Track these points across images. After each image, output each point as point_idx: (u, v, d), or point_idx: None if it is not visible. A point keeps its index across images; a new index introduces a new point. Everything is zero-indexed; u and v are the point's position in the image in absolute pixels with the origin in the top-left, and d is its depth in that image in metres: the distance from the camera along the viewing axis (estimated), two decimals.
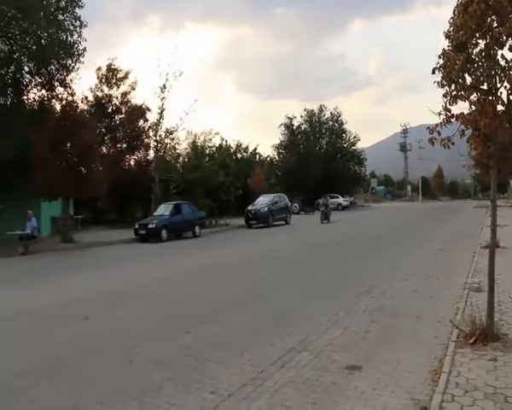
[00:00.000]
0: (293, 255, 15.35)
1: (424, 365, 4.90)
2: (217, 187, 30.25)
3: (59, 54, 21.87)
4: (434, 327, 6.26)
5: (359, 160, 59.24)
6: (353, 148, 59.14)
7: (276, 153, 57.81)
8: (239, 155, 43.22)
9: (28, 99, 23.42)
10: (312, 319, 6.94)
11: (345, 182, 54.79)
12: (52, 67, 22.42)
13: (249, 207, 29.56)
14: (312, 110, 59.20)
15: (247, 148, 45.12)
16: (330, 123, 59.16)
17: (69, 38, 22.37)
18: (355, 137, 58.83)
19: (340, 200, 49.14)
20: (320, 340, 5.90)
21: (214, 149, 34.58)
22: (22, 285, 11.54)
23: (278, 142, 57.99)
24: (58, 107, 23.14)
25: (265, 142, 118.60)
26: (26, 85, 23.10)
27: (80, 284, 11.48)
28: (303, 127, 58.66)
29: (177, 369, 5.06)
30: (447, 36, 5.28)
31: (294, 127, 58.11)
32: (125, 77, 34.76)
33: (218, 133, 35.08)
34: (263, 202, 30.18)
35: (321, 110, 59.24)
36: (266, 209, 28.98)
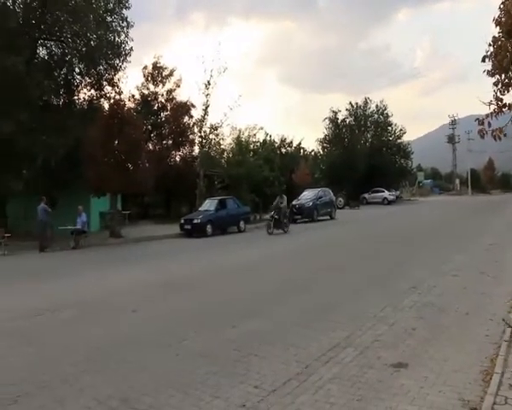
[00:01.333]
0: (339, 250, 15.25)
1: (474, 364, 4.73)
2: (261, 182, 30.28)
3: (107, 54, 22.49)
4: (485, 325, 6.04)
5: (405, 153, 57.85)
6: (399, 141, 57.75)
7: (320, 147, 57.31)
8: (283, 150, 43.05)
9: (79, 99, 24.24)
10: (358, 314, 6.88)
11: (391, 176, 53.65)
12: (101, 67, 23.09)
13: (294, 202, 29.45)
14: (357, 103, 58.31)
15: (291, 142, 44.90)
16: (375, 116, 58.01)
17: (117, 39, 22.94)
18: (401, 129, 57.45)
19: (386, 194, 48.27)
20: (365, 336, 5.84)
21: (258, 144, 34.63)
22: (73, 278, 11.96)
23: (323, 136, 57.43)
24: (106, 105, 23.82)
25: (310, 136, 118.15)
26: (77, 86, 23.89)
27: (128, 276, 11.81)
28: (348, 121, 57.79)
29: (222, 362, 5.12)
30: (498, 23, 5.10)
31: (339, 121, 57.38)
32: (171, 74, 35.30)
33: (262, 128, 35.14)
34: (307, 196, 30.03)
35: (366, 103, 58.23)
36: (311, 204, 28.84)
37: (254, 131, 33.53)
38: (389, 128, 57.45)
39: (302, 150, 47.17)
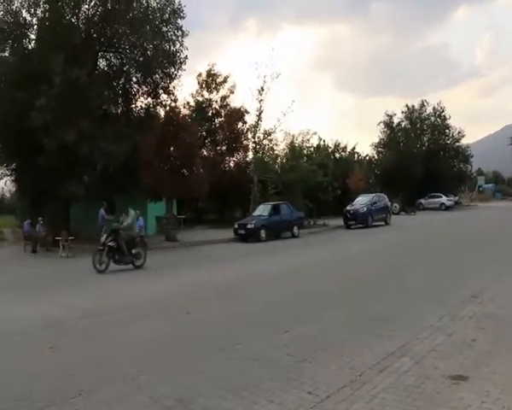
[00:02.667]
0: (395, 257, 14.91)
1: None
2: (315, 187, 30.11)
3: (163, 63, 23.08)
4: None
5: (464, 156, 55.79)
6: (457, 144, 55.70)
7: (375, 152, 56.30)
8: (337, 155, 42.68)
9: (136, 107, 24.98)
10: (414, 323, 6.68)
11: (448, 180, 51.87)
12: (157, 76, 23.75)
13: (348, 208, 29.07)
14: (413, 106, 56.82)
15: (345, 147, 44.46)
16: (432, 119, 56.31)
17: (172, 48, 23.48)
18: (459, 132, 55.42)
19: (444, 199, 46.66)
20: (422, 346, 5.64)
21: (312, 149, 34.50)
22: (130, 280, 12.33)
23: (377, 140, 56.45)
24: (162, 113, 24.47)
25: (364, 141, 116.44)
26: (134, 95, 24.66)
27: (184, 279, 12.02)
28: (403, 124, 56.48)
29: (276, 367, 5.10)
30: None
31: (394, 125, 56.21)
32: (224, 81, 35.77)
33: (315, 133, 34.95)
34: (362, 201, 29.55)
35: (422, 106, 56.62)
36: (365, 209, 28.36)
37: (308, 136, 33.40)
38: (447, 131, 55.56)
39: (356, 155, 46.58)
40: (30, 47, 22.09)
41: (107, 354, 5.88)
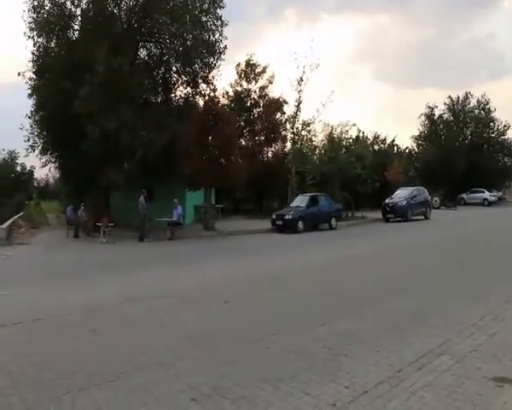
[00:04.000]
0: (435, 252, 14.57)
1: None
2: (353, 179, 29.81)
3: (202, 53, 23.20)
4: None
5: (509, 150, 53.68)
6: (503, 137, 53.86)
7: (415, 144, 55.15)
8: (376, 147, 42.06)
9: (175, 96, 25.27)
10: (454, 321, 6.47)
11: (492, 175, 50.11)
12: (196, 65, 23.90)
13: (386, 201, 28.61)
14: (458, 97, 55.17)
15: (384, 139, 43.75)
16: (476, 111, 54.61)
17: (211, 38, 23.57)
18: (505, 125, 53.58)
19: (486, 195, 45.17)
20: (463, 345, 5.46)
21: (351, 140, 34.08)
22: (169, 268, 12.51)
23: (418, 133, 55.24)
24: (201, 102, 24.61)
25: (404, 133, 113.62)
26: (174, 84, 24.95)
27: (222, 268, 12.13)
28: (445, 117, 55.02)
29: (312, 360, 5.06)
30: None
31: (435, 117, 54.84)
32: (263, 71, 35.70)
33: (354, 125, 34.50)
34: (401, 195, 29.00)
35: (466, 98, 54.94)
36: (405, 203, 27.82)
37: (347, 127, 33.00)
38: (491, 124, 53.75)
39: (396, 148, 45.77)
40: (74, 38, 22.59)
41: (146, 339, 5.97)
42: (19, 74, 22.85)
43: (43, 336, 6.18)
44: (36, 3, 21.57)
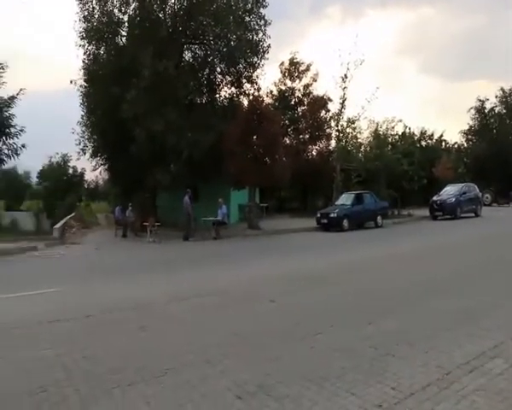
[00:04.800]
0: (486, 251, 14.07)
1: None
2: (399, 176, 29.27)
3: (246, 53, 23.32)
4: None
5: None
6: None
7: (464, 139, 53.30)
8: (423, 143, 41.12)
9: (220, 97, 25.51)
10: (508, 323, 6.24)
11: None
12: (240, 65, 24.04)
13: (434, 198, 27.87)
14: (510, 90, 52.85)
15: (432, 135, 42.71)
16: None
17: (255, 38, 23.66)
18: None
19: None
20: None
21: (397, 137, 33.46)
22: (215, 266, 12.65)
23: (467, 127, 53.44)
24: (246, 102, 24.80)
25: (452, 128, 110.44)
26: (218, 85, 25.19)
27: (266, 267, 12.15)
28: (497, 109, 52.91)
29: (358, 359, 5.00)
30: None
31: (486, 110, 52.87)
32: (307, 69, 35.56)
33: (400, 121, 33.90)
34: (450, 192, 28.18)
35: None
36: (453, 200, 27.00)
37: (393, 123, 32.43)
38: None
39: (444, 143, 44.56)
40: (121, 44, 23.21)
41: (193, 337, 6.07)
42: (71, 82, 23.81)
43: (95, 332, 6.40)
44: (86, 13, 22.35)
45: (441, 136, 43.30)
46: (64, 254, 16.43)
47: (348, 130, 29.53)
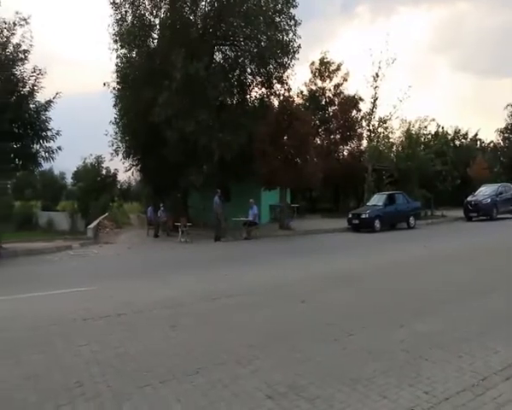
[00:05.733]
0: None
1: None
2: (432, 177, 28.78)
3: (276, 53, 23.30)
4: None
5: None
6: None
7: (500, 138, 51.93)
8: (457, 142, 40.32)
9: (250, 97, 25.63)
10: None
11: None
12: (270, 66, 24.05)
13: (469, 198, 27.20)
14: None
15: (466, 134, 41.83)
16: None
17: (285, 38, 23.63)
18: None
19: None
20: None
21: (430, 136, 32.94)
22: (245, 266, 12.67)
23: (504, 125, 52.03)
24: (276, 102, 24.80)
25: (488, 126, 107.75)
26: (249, 85, 25.29)
27: (297, 267, 12.10)
28: None
29: (390, 362, 4.92)
30: None
31: None
32: (338, 69, 35.37)
33: (433, 120, 33.35)
34: (485, 192, 27.46)
35: None
36: (489, 200, 26.29)
37: (425, 123, 31.93)
38: None
39: (479, 142, 43.53)
40: (153, 46, 23.53)
41: (224, 336, 6.09)
42: (104, 84, 24.34)
43: (127, 330, 6.49)
44: (119, 17, 22.78)
45: (476, 134, 42.40)
46: (97, 254, 16.77)
47: (380, 129, 29.26)
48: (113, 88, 24.63)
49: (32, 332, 6.57)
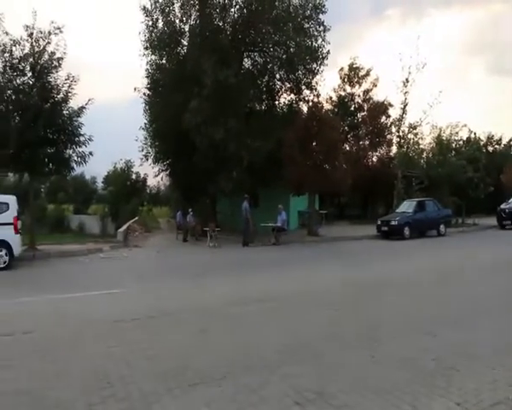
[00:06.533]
0: None
1: None
2: (464, 183, 28.20)
3: (305, 59, 23.26)
4: None
5: None
6: None
7: None
8: (490, 149, 39.43)
9: (279, 103, 25.64)
10: None
11: None
12: (299, 72, 24.03)
13: (502, 206, 26.52)
14: None
15: (499, 140, 40.85)
16: None
17: (314, 44, 23.58)
18: None
19: None
20: None
21: (461, 142, 32.32)
22: (275, 272, 12.66)
23: None
24: (305, 108, 24.77)
25: None
26: (278, 92, 25.32)
27: (326, 274, 12.08)
28: None
29: (420, 372, 4.86)
30: None
31: None
32: (367, 74, 35.12)
33: (465, 125, 32.66)
34: None
35: None
36: None
37: (457, 128, 31.32)
38: None
39: None
40: (183, 53, 23.81)
41: (253, 341, 6.12)
42: (135, 90, 24.77)
43: (157, 333, 6.60)
44: (150, 23, 23.14)
45: (510, 140, 41.34)
46: (127, 257, 17.03)
47: (410, 136, 28.88)
48: (144, 94, 25.06)
49: (66, 332, 6.75)
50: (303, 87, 24.65)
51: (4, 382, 4.82)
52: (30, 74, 17.12)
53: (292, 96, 25.22)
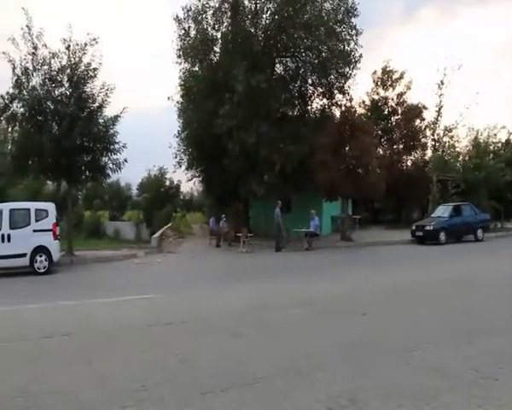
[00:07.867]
0: None
1: None
2: (503, 187, 27.43)
3: (337, 64, 23.16)
4: None
5: None
6: None
7: None
8: None
9: (311, 108, 25.57)
10: None
11: None
12: (332, 76, 23.96)
13: None
14: None
15: None
16: None
17: (346, 48, 23.49)
18: None
19: None
20: None
21: (500, 145, 31.45)
22: (306, 277, 12.61)
23: None
24: (337, 113, 24.63)
25: None
26: (310, 96, 25.30)
27: (359, 279, 11.95)
28: None
29: (456, 380, 4.73)
30: None
31: None
32: (401, 77, 34.64)
33: (504, 127, 31.78)
34: None
35: None
36: None
37: (495, 130, 30.47)
38: None
39: None
40: (215, 60, 24.06)
41: (285, 346, 6.10)
42: (168, 98, 25.21)
43: (190, 337, 6.66)
44: (182, 32, 23.49)
45: None
46: (161, 262, 17.27)
47: (445, 139, 28.36)
48: (177, 101, 25.43)
49: (101, 336, 6.89)
50: (335, 92, 24.58)
51: (42, 381, 4.96)
52: (67, 85, 17.69)
53: (324, 100, 25.18)
